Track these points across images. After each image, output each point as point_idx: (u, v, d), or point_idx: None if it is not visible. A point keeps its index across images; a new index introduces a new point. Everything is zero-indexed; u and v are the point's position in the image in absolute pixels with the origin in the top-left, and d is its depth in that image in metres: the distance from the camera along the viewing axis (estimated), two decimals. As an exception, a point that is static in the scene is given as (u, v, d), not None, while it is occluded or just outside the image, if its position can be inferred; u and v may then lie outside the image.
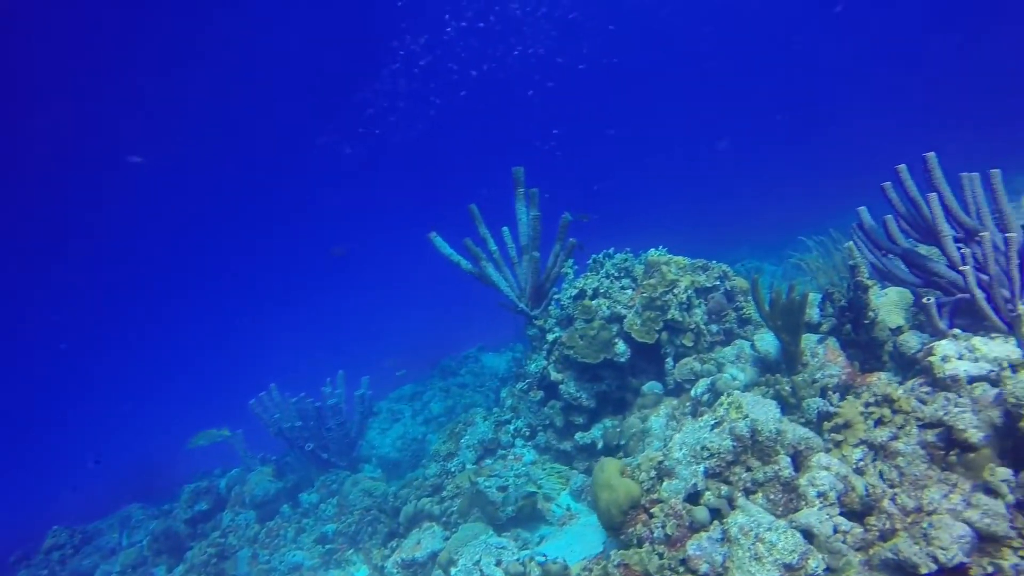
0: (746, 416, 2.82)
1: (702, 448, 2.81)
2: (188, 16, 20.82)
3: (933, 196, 3.25)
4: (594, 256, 4.73)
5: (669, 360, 4.12)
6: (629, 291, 4.34)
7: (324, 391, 6.34)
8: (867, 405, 2.91)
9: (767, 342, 3.89)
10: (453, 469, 4.90)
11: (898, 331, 3.81)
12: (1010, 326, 3.23)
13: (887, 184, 3.44)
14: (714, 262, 4.44)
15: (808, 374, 3.67)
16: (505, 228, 4.85)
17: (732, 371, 3.67)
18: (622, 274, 4.45)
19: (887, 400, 2.86)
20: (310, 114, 27.41)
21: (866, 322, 3.70)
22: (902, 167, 3.34)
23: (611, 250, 4.72)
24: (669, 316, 4.02)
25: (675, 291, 4.05)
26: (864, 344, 3.80)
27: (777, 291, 3.50)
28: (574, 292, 4.41)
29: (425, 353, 10.82)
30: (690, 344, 4.05)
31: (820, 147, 30.64)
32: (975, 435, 2.57)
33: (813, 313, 4.09)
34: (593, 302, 4.29)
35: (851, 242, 3.86)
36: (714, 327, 4.27)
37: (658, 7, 28.56)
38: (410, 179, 33.14)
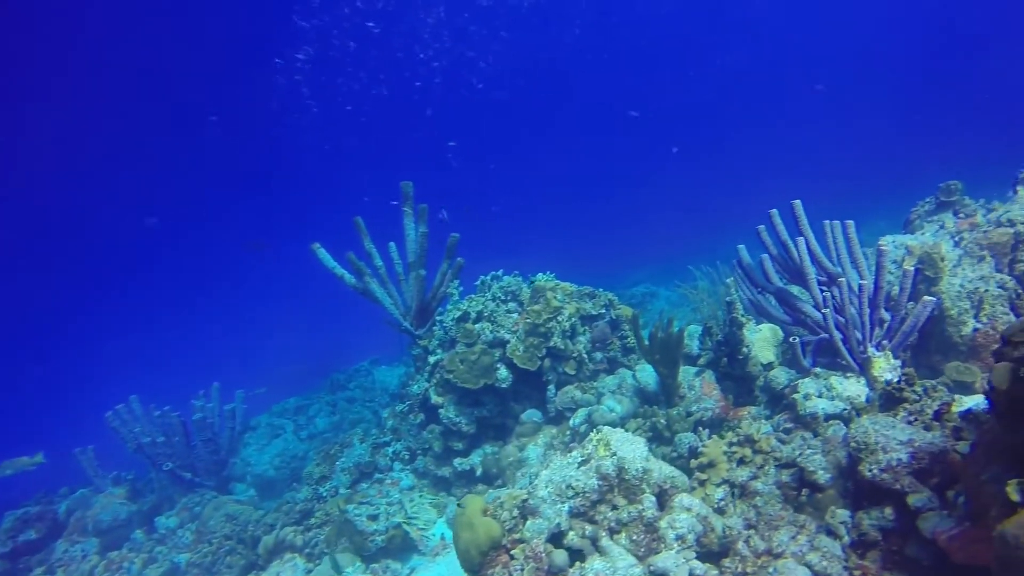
0: (614, 454, 2.77)
1: (567, 486, 2.73)
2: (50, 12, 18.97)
3: (800, 240, 3.38)
4: (482, 278, 4.62)
5: (551, 387, 4.06)
6: (515, 315, 4.26)
7: (194, 404, 5.83)
8: (731, 444, 2.95)
9: (647, 373, 3.91)
10: (325, 494, 4.61)
11: (769, 367, 3.95)
12: (862, 367, 3.41)
13: (761, 227, 3.56)
14: (601, 290, 4.45)
15: (684, 407, 3.72)
16: (392, 244, 4.64)
17: (610, 403, 3.65)
18: (509, 297, 4.37)
19: (749, 440, 2.91)
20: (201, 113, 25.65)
21: (740, 357, 3.80)
22: (774, 212, 3.46)
23: (500, 272, 4.63)
24: (552, 343, 3.97)
25: (559, 318, 4.00)
26: (739, 378, 3.90)
27: (656, 326, 3.52)
28: (457, 314, 4.27)
29: (319, 363, 10.34)
30: (573, 372, 4.02)
31: (719, 177, 32.32)
32: (823, 476, 2.65)
33: (693, 345, 4.17)
34: (476, 326, 4.17)
35: (731, 279, 3.97)
36: (598, 355, 4.26)
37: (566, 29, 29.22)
38: (303, 186, 31.81)
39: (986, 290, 3.62)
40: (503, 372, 4.08)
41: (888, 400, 2.71)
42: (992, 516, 1.83)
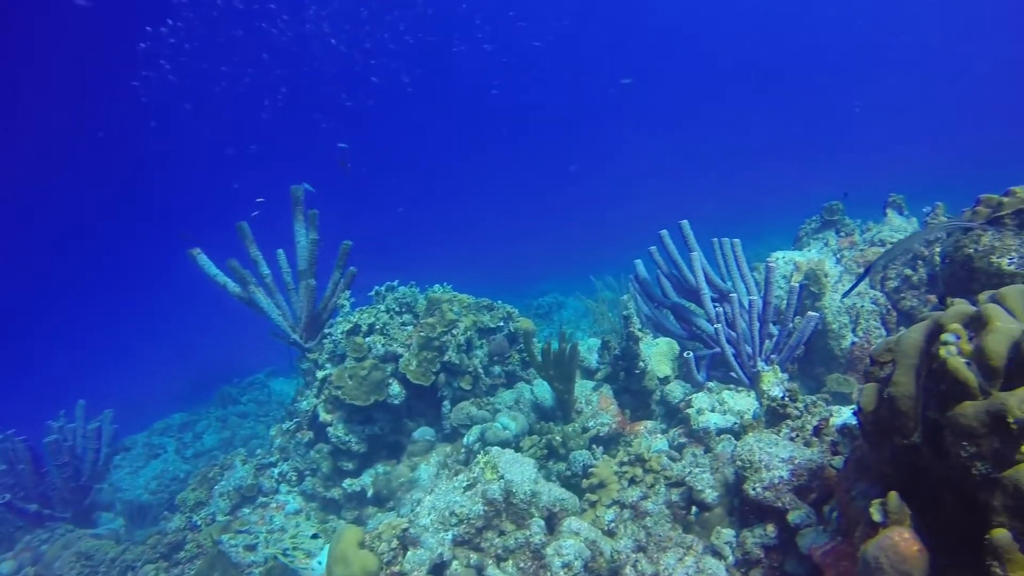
0: (501, 477, 2.64)
1: (451, 513, 2.56)
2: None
3: (692, 256, 3.39)
4: (376, 288, 4.39)
5: (446, 403, 3.88)
6: (410, 328, 4.05)
7: (50, 425, 5.19)
8: (622, 464, 2.88)
9: (544, 388, 3.82)
10: (200, 522, 4.20)
11: (666, 380, 3.96)
12: (751, 380, 3.46)
13: (653, 248, 3.57)
14: (499, 302, 4.32)
15: (581, 422, 3.65)
16: (281, 251, 4.32)
17: (503, 420, 3.52)
18: (404, 309, 4.16)
19: (639, 460, 2.86)
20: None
21: (637, 371, 3.78)
22: (664, 232, 3.48)
23: (395, 282, 4.41)
24: (447, 357, 3.80)
25: (455, 331, 3.84)
26: (636, 392, 3.88)
27: (548, 341, 3.43)
28: (347, 327, 4.02)
29: (211, 375, 9.64)
30: (468, 387, 3.86)
31: (626, 188, 33.31)
32: (710, 495, 2.63)
33: (592, 359, 4.13)
34: (367, 339, 3.93)
35: (627, 295, 3.96)
36: (496, 369, 4.13)
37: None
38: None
39: (862, 306, 3.79)
40: (395, 388, 3.86)
41: (773, 416, 2.73)
42: (858, 535, 1.83)
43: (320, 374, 4.01)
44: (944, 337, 1.51)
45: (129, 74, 20.04)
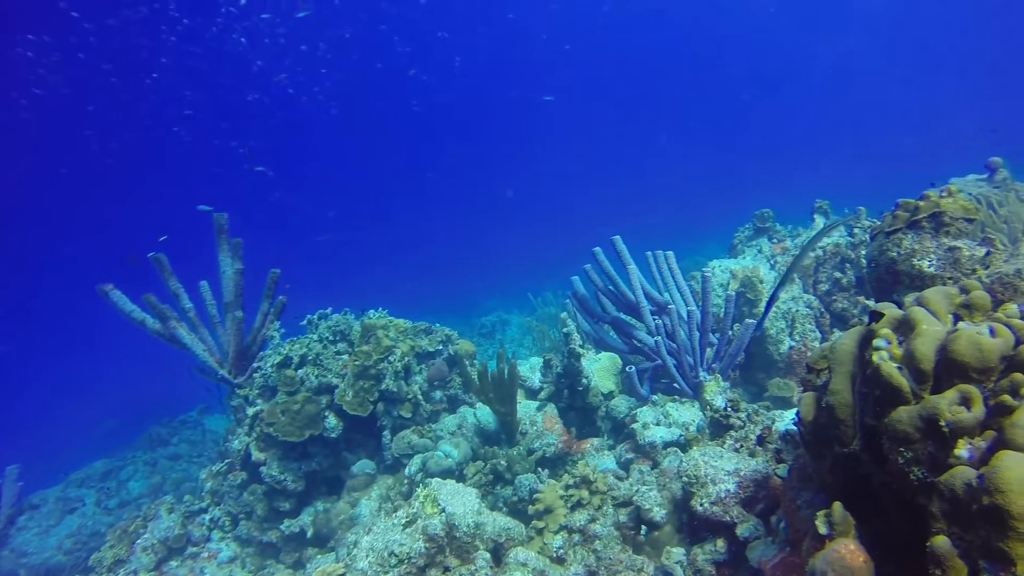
0: (442, 511, 2.50)
1: (391, 554, 2.40)
2: None
3: (629, 270, 3.37)
4: (308, 317, 4.19)
5: (386, 433, 3.72)
6: (345, 356, 3.87)
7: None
8: (567, 487, 2.79)
9: (487, 412, 3.71)
10: (119, 583, 3.85)
11: (610, 396, 3.91)
12: (694, 391, 3.45)
13: (588, 266, 3.54)
14: (437, 325, 4.20)
15: (526, 444, 3.54)
16: (204, 283, 4.07)
17: (445, 447, 3.38)
18: (338, 338, 3.98)
19: (585, 481, 2.77)
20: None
21: (580, 388, 3.72)
22: (598, 250, 3.46)
23: (328, 310, 4.22)
24: (385, 386, 3.64)
25: (391, 358, 3.69)
26: (580, 409, 3.82)
27: (483, 364, 3.33)
28: (278, 359, 3.81)
29: (138, 414, 9.06)
30: (409, 415, 3.71)
31: (569, 203, 33.67)
32: (658, 514, 2.56)
33: (535, 379, 4.05)
34: (299, 371, 3.73)
35: (564, 313, 3.91)
36: (437, 394, 3.99)
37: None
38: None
39: (797, 310, 3.86)
40: (332, 421, 3.67)
41: (717, 427, 2.71)
42: (805, 548, 1.80)
43: (251, 411, 3.78)
44: (875, 343, 1.49)
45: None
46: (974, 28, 31.26)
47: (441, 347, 4.07)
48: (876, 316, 1.49)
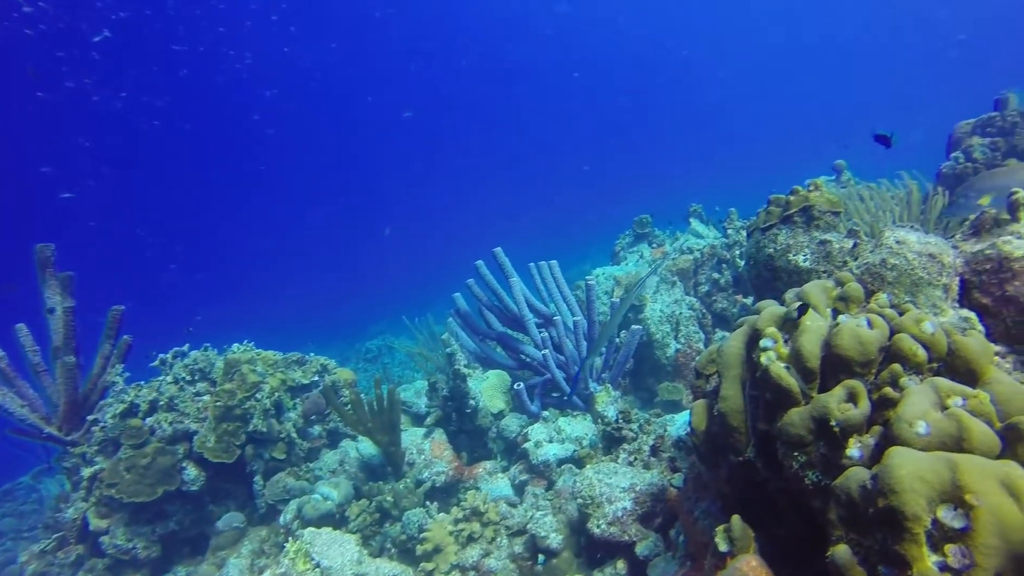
0: (316, 566, 2.19)
1: (254, 627, 2.06)
2: None
3: (512, 283, 3.23)
4: (161, 356, 3.67)
5: (258, 479, 3.31)
6: (207, 397, 3.42)
7: None
8: (457, 522, 2.57)
9: (371, 444, 3.41)
10: None
11: (501, 415, 3.73)
12: (586, 403, 3.36)
13: (471, 280, 3.37)
14: (311, 354, 3.84)
15: (413, 476, 3.28)
16: (21, 325, 3.44)
17: (324, 489, 3.04)
18: (197, 377, 3.51)
19: (476, 513, 2.57)
20: None
21: (468, 410, 3.52)
22: (480, 263, 3.31)
23: (185, 347, 3.73)
24: (253, 426, 3.24)
25: (259, 395, 3.29)
26: (471, 432, 3.62)
27: (354, 392, 3.06)
28: (121, 408, 3.28)
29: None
30: (283, 456, 3.32)
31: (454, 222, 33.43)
32: (554, 540, 2.41)
33: (421, 403, 3.80)
34: (147, 420, 3.24)
35: (446, 334, 3.70)
36: (316, 429, 3.63)
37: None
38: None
39: (680, 313, 3.89)
40: (191, 472, 3.20)
41: (609, 441, 2.60)
42: (707, 566, 1.70)
43: (87, 471, 3.22)
44: (762, 343, 1.41)
45: None
46: (845, 41, 34.55)
47: (317, 378, 3.71)
48: (804, 309, 1.41)
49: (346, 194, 35.63)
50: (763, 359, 1.39)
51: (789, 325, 1.44)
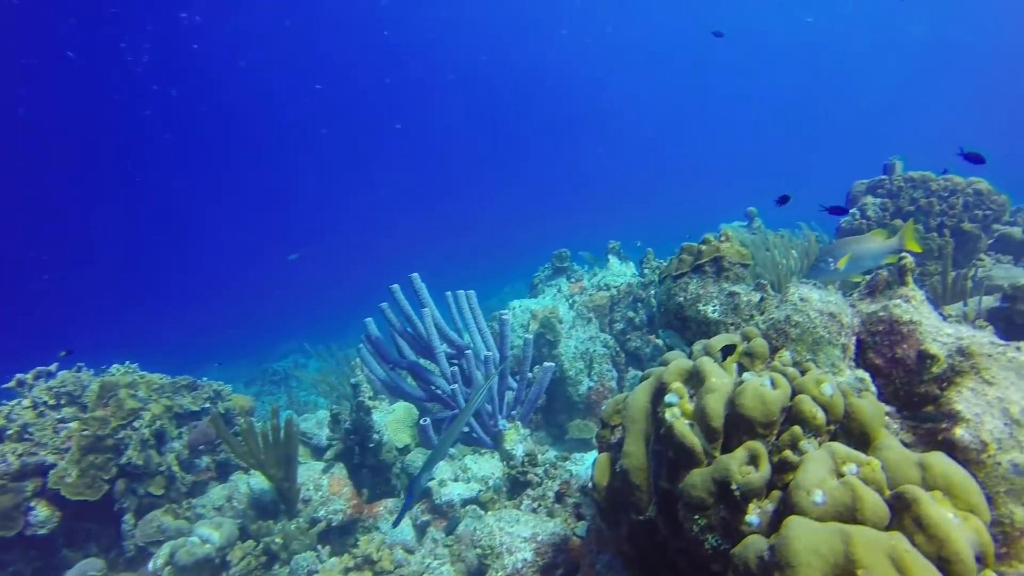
0: (180, 625, 1.95)
1: None
2: None
3: (424, 312, 3.11)
4: (18, 376, 3.27)
5: (128, 518, 2.98)
6: (75, 424, 3.06)
7: None
8: (347, 571, 2.39)
9: (264, 478, 3.16)
10: None
11: (406, 450, 3.57)
12: (494, 441, 3.26)
13: (384, 305, 3.22)
14: (205, 379, 3.54)
15: (307, 514, 3.06)
16: None
17: (203, 530, 2.77)
18: (63, 401, 3.14)
19: (368, 561, 2.40)
20: None
21: (372, 445, 3.34)
22: (395, 287, 3.17)
23: (52, 366, 3.35)
24: (127, 458, 2.92)
25: (138, 423, 2.98)
26: (373, 467, 3.43)
27: (247, 421, 2.83)
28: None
29: None
30: (161, 492, 3.01)
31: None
32: (453, 591, 2.28)
33: (322, 435, 3.58)
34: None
35: (356, 359, 3.53)
36: (203, 461, 3.33)
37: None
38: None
39: (594, 350, 3.89)
40: (42, 512, 2.83)
41: (514, 485, 2.51)
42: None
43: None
44: (667, 398, 1.37)
45: None
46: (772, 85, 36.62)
47: (209, 404, 3.42)
48: (729, 350, 1.38)
49: (258, 206, 34.23)
50: (667, 415, 1.35)
51: (695, 380, 1.41)
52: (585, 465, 2.91)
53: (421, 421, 3.09)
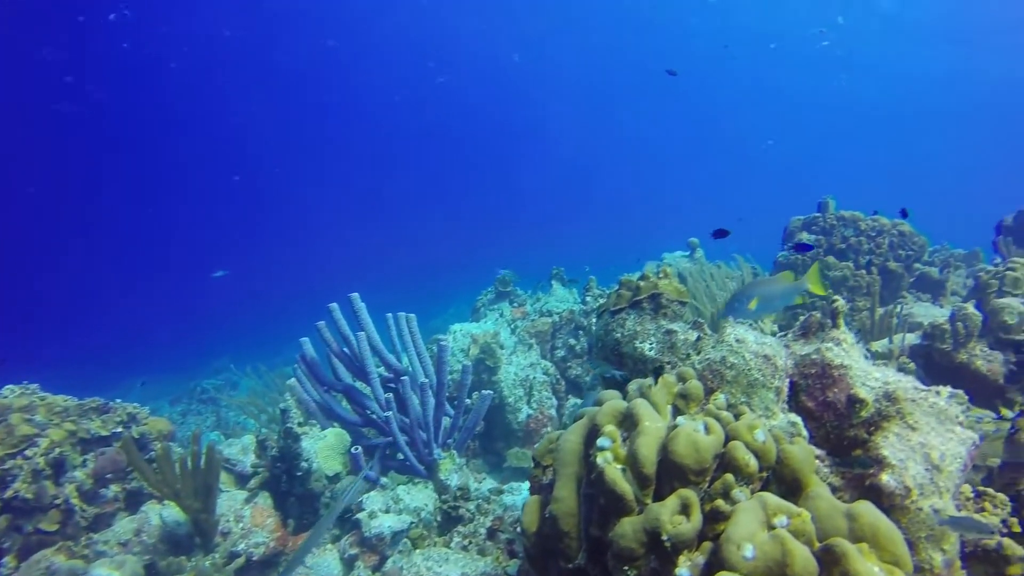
0: None
1: None
2: None
3: (361, 335, 3.00)
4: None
5: (8, 560, 2.71)
6: (-41, 449, 2.78)
7: None
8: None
9: (179, 509, 2.94)
10: None
11: (337, 478, 3.42)
12: (429, 470, 3.15)
13: (321, 323, 3.08)
14: (118, 401, 3.30)
15: (226, 548, 2.87)
16: None
17: (102, 569, 2.54)
18: (-53, 423, 2.86)
19: (285, 603, 2.25)
20: None
21: (300, 473, 3.18)
22: (334, 306, 3.04)
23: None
24: (15, 491, 2.66)
25: (32, 451, 2.73)
26: (301, 496, 3.26)
27: (163, 447, 2.65)
28: None
29: None
30: (54, 527, 2.76)
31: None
32: (376, 635, 2.15)
33: (247, 461, 3.39)
34: None
35: (291, 379, 3.36)
36: (111, 491, 3.09)
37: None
38: None
39: (534, 377, 3.84)
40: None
41: (446, 520, 2.41)
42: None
43: None
44: (599, 442, 1.32)
45: None
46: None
47: (121, 429, 3.17)
48: (660, 370, 1.34)
49: (197, 215, 32.95)
50: (599, 460, 1.30)
51: (628, 423, 1.37)
52: (522, 495, 2.84)
53: (352, 449, 2.95)
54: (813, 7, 22.87)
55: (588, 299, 4.28)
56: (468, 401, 3.43)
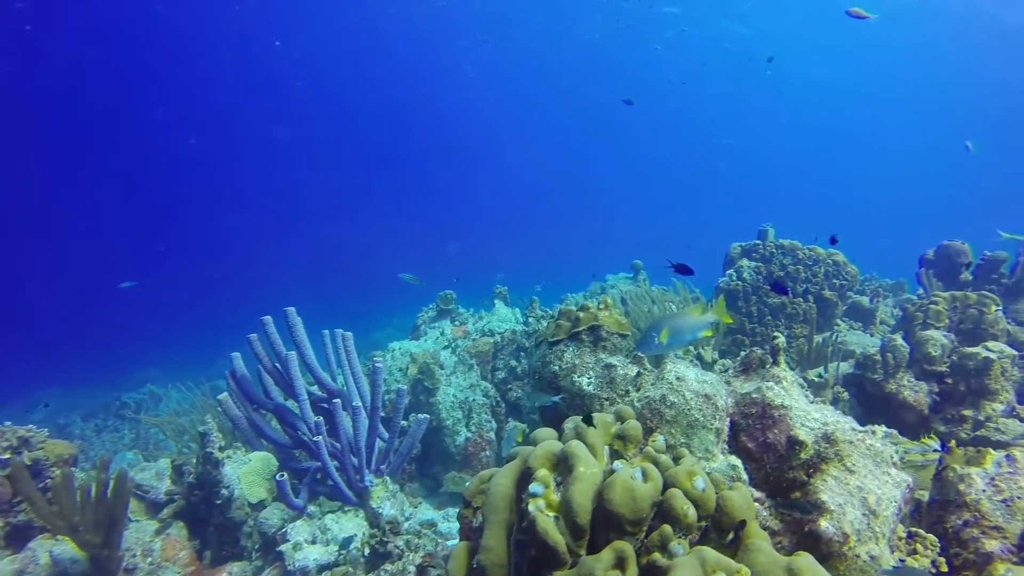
0: None
1: None
2: None
3: (292, 354, 2.83)
4: None
5: None
6: None
7: None
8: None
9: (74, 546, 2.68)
10: None
11: (261, 505, 3.21)
12: (360, 498, 2.99)
13: (253, 336, 2.89)
14: (8, 423, 2.99)
15: (131, 585, 2.63)
16: None
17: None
18: None
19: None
20: None
21: (219, 501, 2.96)
22: (267, 319, 2.85)
23: None
24: None
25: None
26: (221, 526, 3.04)
27: (61, 473, 2.41)
28: None
29: None
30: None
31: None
32: None
33: (161, 488, 3.14)
34: None
35: (222, 395, 3.13)
36: None
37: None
38: None
39: (474, 399, 3.74)
40: None
41: (374, 556, 2.27)
42: None
43: None
44: (531, 487, 1.24)
45: None
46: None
47: (9, 455, 2.88)
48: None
49: (124, 216, 31.29)
50: (531, 507, 1.21)
51: (563, 466, 1.29)
52: (458, 525, 2.72)
53: (277, 476, 2.77)
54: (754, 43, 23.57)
55: (531, 320, 4.21)
56: (404, 423, 3.29)
